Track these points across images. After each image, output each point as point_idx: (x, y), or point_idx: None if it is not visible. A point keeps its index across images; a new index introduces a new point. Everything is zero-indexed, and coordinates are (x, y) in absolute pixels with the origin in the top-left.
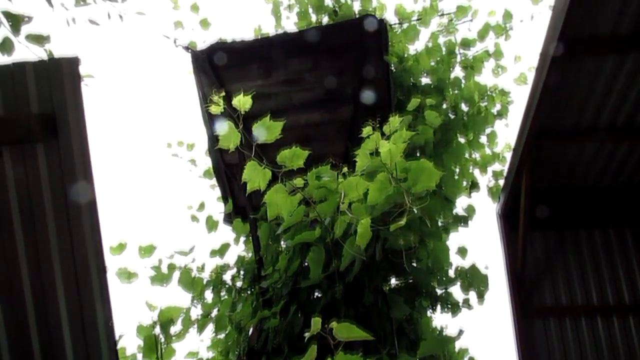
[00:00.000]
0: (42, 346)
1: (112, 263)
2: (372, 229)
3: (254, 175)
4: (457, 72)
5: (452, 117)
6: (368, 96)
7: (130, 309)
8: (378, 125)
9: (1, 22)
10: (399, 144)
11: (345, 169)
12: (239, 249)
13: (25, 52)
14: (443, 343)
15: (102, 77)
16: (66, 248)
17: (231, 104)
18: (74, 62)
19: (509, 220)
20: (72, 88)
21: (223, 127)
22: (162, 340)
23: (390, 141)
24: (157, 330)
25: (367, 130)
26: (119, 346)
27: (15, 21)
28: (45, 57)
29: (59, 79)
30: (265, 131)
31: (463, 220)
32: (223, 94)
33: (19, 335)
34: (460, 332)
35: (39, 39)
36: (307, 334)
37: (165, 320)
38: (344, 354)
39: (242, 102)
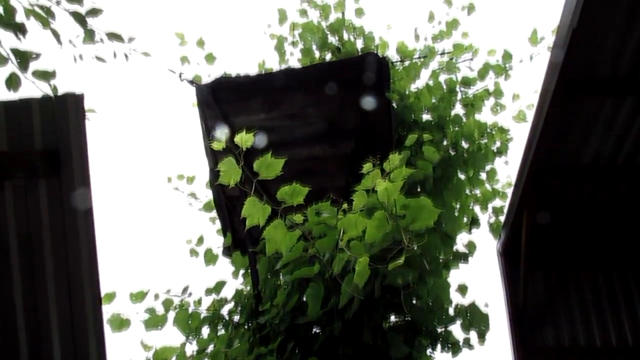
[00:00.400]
0: None
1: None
2: (371, 266)
3: (253, 211)
4: (458, 109)
5: (453, 153)
6: (370, 132)
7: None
8: (378, 162)
9: (9, 59)
10: (396, 182)
11: (345, 206)
12: (237, 283)
13: (30, 86)
14: None
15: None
16: (63, 284)
17: (233, 139)
18: (78, 99)
19: (509, 258)
20: (76, 125)
21: (225, 163)
22: None
23: (388, 179)
24: None
25: (367, 166)
26: None
27: (23, 58)
28: (50, 92)
29: (63, 116)
30: (266, 168)
31: (463, 257)
32: (226, 131)
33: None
34: None
35: (45, 75)
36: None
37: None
38: None
39: (244, 139)
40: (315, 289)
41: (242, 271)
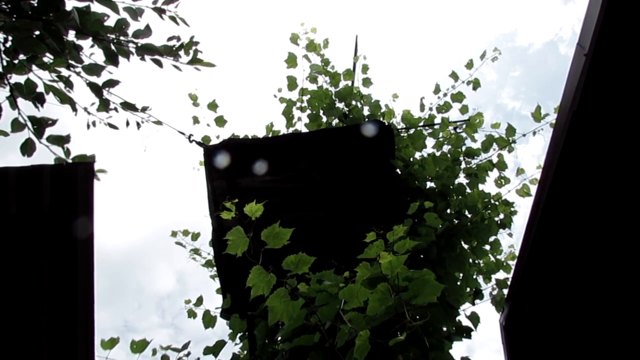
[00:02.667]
0: None
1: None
2: (372, 341)
3: (258, 281)
4: (461, 179)
5: (456, 222)
6: (374, 198)
7: None
8: (382, 231)
9: (26, 125)
10: (400, 256)
11: (347, 274)
12: (234, 347)
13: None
14: None
15: (117, 172)
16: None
17: (238, 201)
18: (89, 166)
19: (512, 332)
20: (84, 189)
21: (233, 233)
22: None
23: (392, 250)
24: None
25: (370, 235)
26: None
27: (39, 125)
28: (63, 155)
29: (73, 181)
30: (274, 238)
31: (466, 332)
32: (236, 200)
33: None
34: None
35: (59, 140)
36: None
37: None
38: None
39: (254, 209)
40: (314, 359)
41: (239, 334)
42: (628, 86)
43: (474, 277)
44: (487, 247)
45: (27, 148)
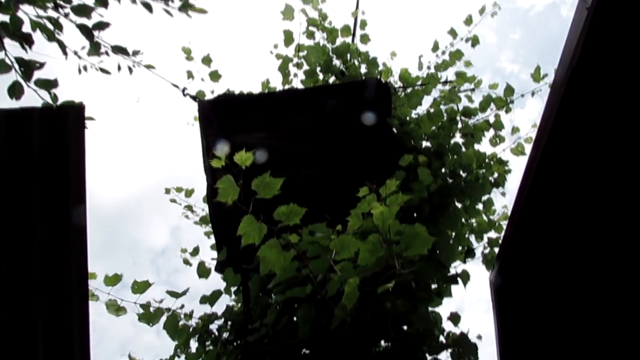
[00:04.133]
0: None
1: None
2: (362, 290)
3: (249, 229)
4: (457, 138)
5: (450, 181)
6: (369, 155)
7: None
8: (375, 186)
9: (14, 67)
10: (392, 207)
11: (339, 227)
12: (228, 299)
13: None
14: None
15: (107, 121)
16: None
17: (233, 157)
18: (79, 110)
19: (502, 289)
20: (75, 134)
21: (223, 181)
22: None
23: (384, 203)
24: None
25: (363, 190)
26: None
27: (27, 67)
28: (50, 101)
29: (63, 126)
30: (264, 187)
31: (453, 280)
32: (226, 148)
33: None
34: None
35: (47, 84)
36: None
37: None
38: None
39: (243, 158)
40: (306, 310)
41: (233, 288)
42: (631, 43)
43: (466, 236)
44: (480, 206)
45: (15, 91)
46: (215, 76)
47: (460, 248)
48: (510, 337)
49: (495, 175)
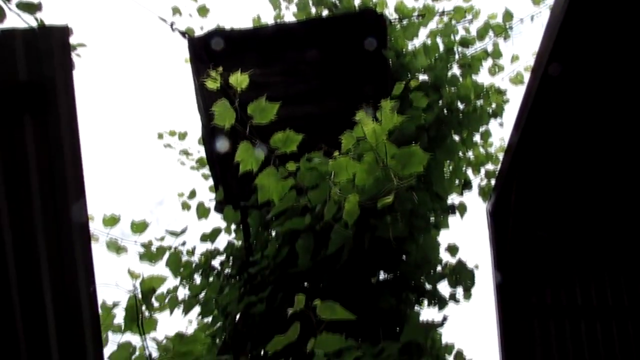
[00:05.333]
0: (23, 308)
1: (103, 234)
2: (361, 213)
3: (246, 156)
4: (455, 70)
5: (447, 114)
6: (365, 90)
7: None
8: (371, 108)
9: None
10: (385, 124)
11: (336, 153)
12: (229, 238)
13: (15, 19)
14: (427, 330)
15: (95, 51)
16: (50, 216)
17: (227, 86)
18: (64, 32)
19: (498, 218)
20: (62, 58)
21: (219, 105)
22: (145, 311)
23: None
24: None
25: (360, 114)
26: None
27: None
28: (35, 25)
29: (48, 48)
30: (260, 112)
31: (451, 210)
32: (220, 69)
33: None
34: (444, 319)
35: (30, 7)
36: (290, 311)
37: (148, 290)
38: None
39: (239, 80)
40: (305, 240)
41: (233, 227)
42: None
43: (463, 169)
44: (478, 138)
45: None
46: (203, 11)
47: (457, 182)
48: (504, 262)
49: (494, 105)
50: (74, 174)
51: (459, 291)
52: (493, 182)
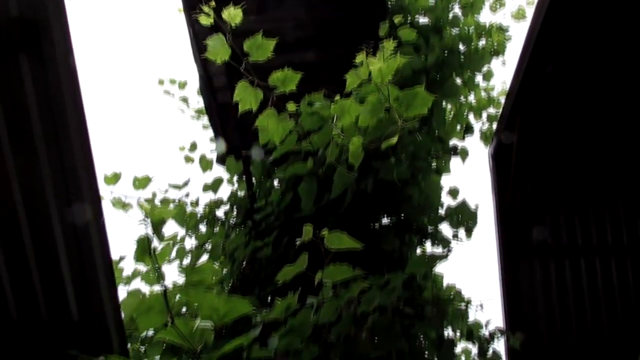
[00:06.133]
0: (35, 243)
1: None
2: (364, 157)
3: (245, 95)
4: (456, 10)
5: (449, 56)
6: (363, 35)
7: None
8: (372, 48)
9: None
10: (390, 64)
11: (337, 97)
12: (232, 188)
13: None
14: (430, 261)
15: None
16: (54, 153)
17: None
18: None
19: (500, 161)
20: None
21: (213, 39)
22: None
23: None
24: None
25: (360, 56)
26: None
27: None
28: None
29: None
30: (257, 49)
31: (453, 151)
32: (212, 3)
33: (10, 233)
34: (448, 253)
35: None
36: (298, 242)
37: (158, 221)
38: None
39: (233, 14)
40: (308, 184)
41: (236, 178)
42: None
43: (465, 114)
44: (480, 79)
45: None
46: None
47: (459, 127)
48: (507, 203)
49: (495, 44)
50: (74, 108)
51: (461, 232)
52: (495, 126)
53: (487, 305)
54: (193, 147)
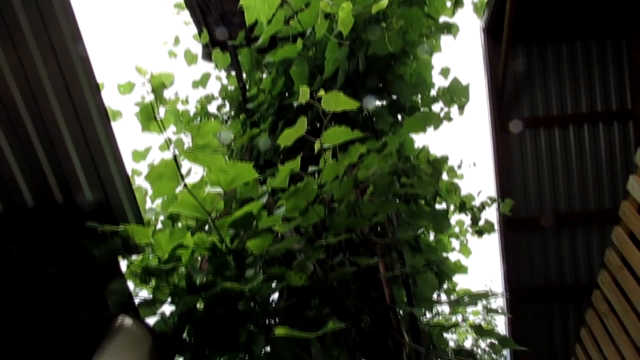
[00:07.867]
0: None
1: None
2: (354, 28)
3: None
4: None
5: None
6: None
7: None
8: None
9: None
10: None
11: None
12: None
13: None
14: (425, 121)
15: None
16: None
17: None
18: None
19: (492, 34)
20: None
21: None
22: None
23: None
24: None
25: None
26: None
27: None
28: None
29: None
30: None
31: (446, 28)
32: None
33: (23, 145)
34: (443, 117)
35: None
36: (295, 103)
37: (158, 85)
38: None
39: None
40: (299, 66)
41: (224, 73)
42: None
43: None
44: None
45: None
46: None
47: (449, 3)
48: (499, 76)
49: None
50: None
51: (454, 110)
52: None
53: (478, 172)
54: (176, 41)
